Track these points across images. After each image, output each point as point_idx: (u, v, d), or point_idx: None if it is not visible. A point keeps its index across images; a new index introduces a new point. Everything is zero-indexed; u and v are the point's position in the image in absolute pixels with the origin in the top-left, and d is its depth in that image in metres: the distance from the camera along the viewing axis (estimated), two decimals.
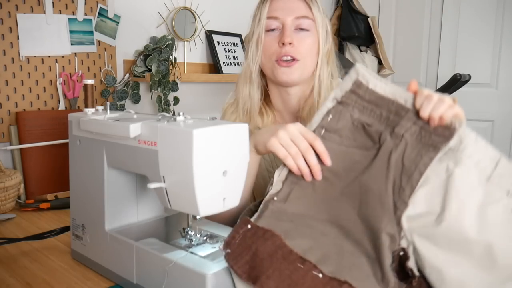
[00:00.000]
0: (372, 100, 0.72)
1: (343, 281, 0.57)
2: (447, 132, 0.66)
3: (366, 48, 2.57)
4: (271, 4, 0.93)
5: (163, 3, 1.73)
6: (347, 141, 0.72)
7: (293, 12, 0.92)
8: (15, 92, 1.33)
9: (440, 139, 0.66)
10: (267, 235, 0.62)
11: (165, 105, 1.68)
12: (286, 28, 0.91)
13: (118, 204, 0.75)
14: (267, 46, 0.93)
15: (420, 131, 0.67)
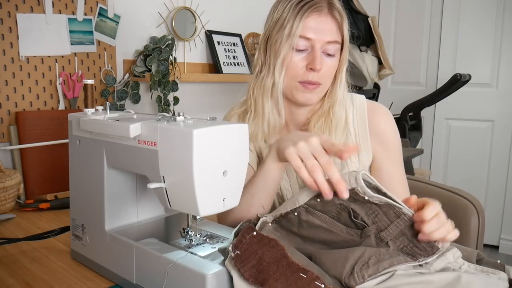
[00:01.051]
0: (365, 201, 0.69)
1: None
2: (430, 250, 0.66)
3: (366, 48, 2.57)
4: (305, 21, 0.86)
5: (163, 3, 1.73)
6: (330, 220, 0.70)
7: (325, 35, 0.87)
8: (15, 92, 1.33)
9: (421, 252, 0.66)
10: (272, 243, 0.62)
11: (165, 105, 1.68)
12: (317, 54, 0.87)
13: (118, 204, 0.75)
14: (293, 66, 0.88)
15: (404, 239, 0.67)
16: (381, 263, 0.63)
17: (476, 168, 2.72)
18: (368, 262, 0.63)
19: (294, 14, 0.86)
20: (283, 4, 0.89)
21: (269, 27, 0.91)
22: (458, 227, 0.68)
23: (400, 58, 2.91)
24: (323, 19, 0.87)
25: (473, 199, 1.08)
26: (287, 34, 0.86)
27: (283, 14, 0.88)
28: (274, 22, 0.90)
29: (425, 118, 2.77)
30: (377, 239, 0.68)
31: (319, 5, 0.87)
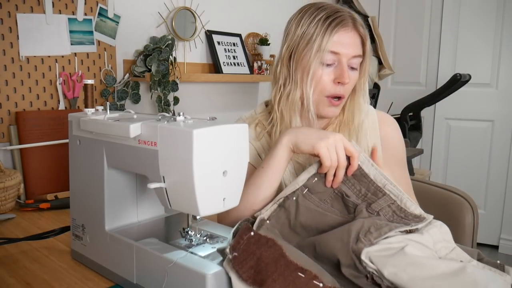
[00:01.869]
0: (356, 175, 0.79)
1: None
2: (417, 219, 0.73)
3: None
4: (334, 37, 0.88)
5: (163, 3, 1.73)
6: (325, 205, 0.77)
7: (352, 49, 0.90)
8: (15, 92, 1.33)
9: (411, 221, 0.72)
10: (270, 243, 0.63)
11: (165, 105, 1.68)
12: (345, 68, 0.89)
13: (118, 204, 0.75)
14: (322, 81, 0.90)
15: (392, 214, 0.74)
16: (382, 229, 0.68)
17: (476, 168, 2.72)
18: (370, 230, 0.68)
19: (323, 30, 0.88)
20: (307, 19, 0.91)
21: (294, 42, 0.92)
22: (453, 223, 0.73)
23: (400, 58, 2.91)
24: (350, 34, 0.90)
25: (467, 196, 1.13)
26: (317, 49, 0.88)
27: (310, 29, 0.90)
28: (299, 36, 0.91)
29: (425, 118, 2.77)
30: (369, 212, 0.74)
31: (345, 21, 0.90)
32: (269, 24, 2.17)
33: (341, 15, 0.90)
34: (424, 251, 0.67)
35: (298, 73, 0.92)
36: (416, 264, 0.61)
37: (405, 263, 0.61)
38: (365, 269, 0.64)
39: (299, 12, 0.94)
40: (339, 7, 0.95)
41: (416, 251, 0.64)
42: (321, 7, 0.92)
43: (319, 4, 0.93)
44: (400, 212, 0.75)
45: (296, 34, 0.92)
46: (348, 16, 0.91)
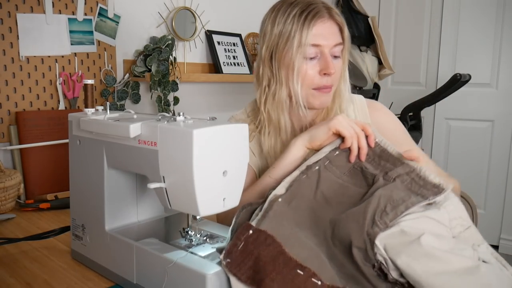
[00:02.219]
0: (374, 151, 0.81)
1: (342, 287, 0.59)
2: (436, 190, 0.72)
3: (366, 48, 2.57)
4: (313, 30, 0.89)
5: (163, 3, 1.73)
6: (345, 178, 0.79)
7: (332, 39, 0.90)
8: (15, 92, 1.33)
9: (429, 192, 0.71)
10: (268, 241, 0.62)
11: (165, 105, 1.68)
12: (328, 59, 0.90)
13: (118, 204, 0.75)
14: (307, 75, 0.90)
15: (411, 181, 0.74)
16: (398, 207, 0.67)
17: (476, 168, 2.72)
18: (386, 210, 0.67)
19: (301, 25, 0.88)
20: (282, 17, 0.91)
21: (272, 41, 0.92)
22: None
23: (400, 58, 2.91)
24: (328, 24, 0.90)
25: (466, 196, 1.14)
26: (298, 45, 0.88)
27: (286, 26, 0.90)
28: (277, 35, 0.91)
29: (425, 118, 2.77)
30: (385, 180, 0.74)
31: (321, 12, 0.90)
32: None
33: (315, 7, 0.90)
34: (439, 228, 0.67)
35: (282, 71, 0.92)
36: (431, 256, 0.61)
37: (420, 254, 0.61)
38: (375, 257, 0.64)
39: (272, 11, 0.94)
40: None
41: (432, 240, 0.63)
42: (293, 2, 0.91)
43: (289, 0, 0.93)
44: (419, 179, 0.74)
45: (274, 34, 0.92)
46: (322, 7, 0.91)
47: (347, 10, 2.49)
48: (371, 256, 0.64)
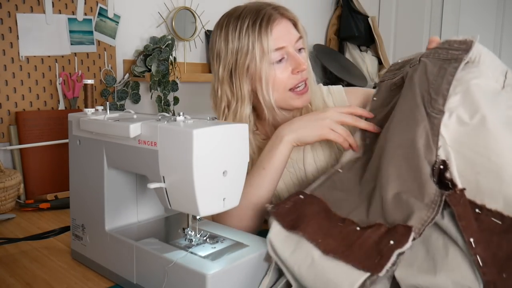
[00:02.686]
0: (400, 66, 0.84)
1: (377, 223, 0.61)
2: (464, 46, 0.72)
3: (366, 48, 2.57)
4: (272, 34, 0.87)
5: (163, 3, 1.73)
6: (388, 106, 0.81)
7: (292, 36, 0.89)
8: (15, 92, 1.33)
9: (459, 52, 0.71)
10: (315, 201, 0.67)
11: (165, 105, 1.68)
12: (296, 56, 0.89)
13: (118, 204, 0.75)
14: (278, 79, 0.89)
15: (435, 50, 0.74)
16: (441, 86, 0.69)
17: None
18: (431, 96, 0.69)
19: (258, 34, 0.86)
20: (233, 32, 0.88)
21: (229, 60, 0.89)
22: None
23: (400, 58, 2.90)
24: (283, 24, 0.89)
25: None
26: (260, 55, 0.86)
27: (242, 41, 0.87)
28: (234, 52, 0.88)
29: None
30: (412, 67, 0.76)
31: (272, 15, 0.88)
32: None
33: (265, 12, 0.88)
34: (488, 86, 0.67)
35: (244, 87, 0.90)
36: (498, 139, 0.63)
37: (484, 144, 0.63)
38: (436, 152, 0.65)
39: (220, 29, 0.91)
40: (255, 5, 0.91)
41: (490, 113, 0.64)
42: (239, 15, 0.89)
43: (235, 14, 0.90)
44: (442, 44, 0.75)
45: (229, 52, 0.89)
46: (271, 10, 0.89)
47: (347, 10, 2.49)
48: (434, 154, 0.65)
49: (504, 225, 0.58)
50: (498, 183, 0.60)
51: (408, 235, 0.56)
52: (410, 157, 0.65)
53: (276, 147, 0.84)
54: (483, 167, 0.62)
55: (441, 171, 0.63)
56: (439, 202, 0.59)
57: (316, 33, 2.50)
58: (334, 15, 2.54)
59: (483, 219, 0.59)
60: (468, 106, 0.67)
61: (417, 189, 0.62)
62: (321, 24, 2.53)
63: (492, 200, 0.60)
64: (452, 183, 0.62)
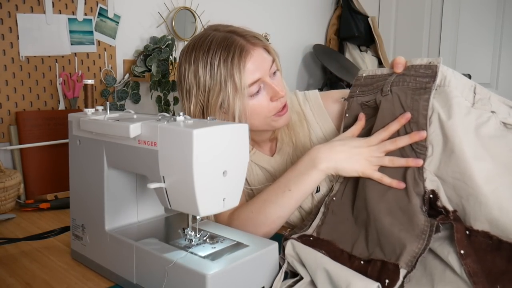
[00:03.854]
0: (367, 82, 0.85)
1: (376, 259, 0.65)
2: (430, 71, 0.74)
3: (366, 48, 2.57)
4: (246, 69, 0.82)
5: (163, 3, 1.73)
6: (365, 124, 0.83)
7: (265, 65, 0.86)
8: (15, 92, 1.33)
9: (426, 80, 0.74)
10: (324, 243, 0.71)
11: (165, 105, 1.68)
12: (272, 85, 0.86)
13: (118, 204, 0.75)
14: (260, 109, 0.86)
15: (403, 78, 0.76)
16: (419, 122, 0.73)
17: None
18: (412, 130, 0.74)
19: (229, 71, 0.82)
20: (204, 68, 0.84)
21: (201, 96, 0.86)
22: None
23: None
24: (255, 54, 0.84)
25: None
26: (234, 93, 0.82)
27: (214, 77, 0.83)
28: (206, 90, 0.84)
29: None
30: (384, 96, 0.78)
31: (243, 47, 0.83)
32: (269, 24, 2.17)
33: (235, 45, 0.83)
34: (460, 109, 0.70)
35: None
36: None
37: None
38: (423, 185, 0.68)
39: (188, 63, 0.86)
40: (222, 35, 0.86)
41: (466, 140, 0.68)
42: (208, 49, 0.84)
43: (203, 47, 0.85)
44: (409, 70, 0.77)
45: (201, 88, 0.85)
46: (241, 40, 0.84)
47: (347, 10, 2.49)
48: (421, 186, 0.68)
49: (493, 244, 0.62)
50: (478, 205, 0.65)
51: (397, 273, 0.61)
52: (400, 194, 0.70)
53: (308, 173, 0.80)
54: (464, 191, 0.67)
55: (432, 199, 0.68)
56: (428, 232, 0.64)
57: (316, 33, 2.50)
58: (334, 15, 2.54)
59: (474, 240, 0.63)
60: (441, 134, 0.70)
61: (407, 221, 0.66)
62: (321, 24, 2.53)
63: (478, 222, 0.65)
64: (445, 209, 0.66)
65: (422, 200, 0.68)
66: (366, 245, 0.70)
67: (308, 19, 2.43)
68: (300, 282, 0.65)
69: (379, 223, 0.69)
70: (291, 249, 0.70)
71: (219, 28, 0.88)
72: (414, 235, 0.64)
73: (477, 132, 0.69)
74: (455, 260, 0.61)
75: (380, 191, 0.73)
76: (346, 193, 0.81)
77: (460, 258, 0.61)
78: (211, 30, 0.88)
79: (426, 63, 0.75)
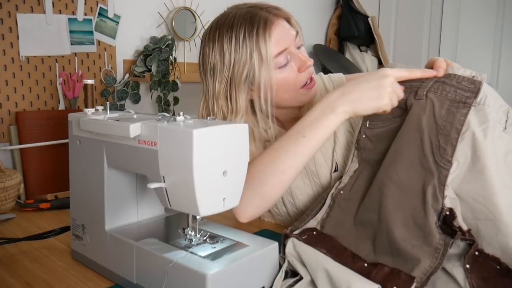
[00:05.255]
0: None
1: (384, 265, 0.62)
2: (472, 86, 0.70)
3: (366, 48, 2.57)
4: (272, 39, 0.83)
5: (163, 3, 1.73)
6: (387, 121, 0.79)
7: (290, 36, 0.87)
8: (15, 92, 1.33)
9: (467, 94, 0.70)
10: (327, 239, 0.70)
11: (165, 105, 1.68)
12: (299, 55, 0.86)
13: (118, 204, 0.75)
14: (289, 81, 0.86)
15: (443, 86, 0.72)
16: (450, 136, 0.69)
17: None
18: (440, 144, 0.70)
19: (256, 42, 0.83)
20: (229, 44, 0.84)
21: (226, 72, 0.86)
22: None
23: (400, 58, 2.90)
24: (280, 25, 0.85)
25: None
26: (260, 63, 0.83)
27: (240, 51, 0.83)
28: (231, 64, 0.85)
29: None
30: (417, 99, 0.73)
31: (267, 19, 0.84)
32: None
33: (258, 17, 0.84)
34: (495, 132, 0.68)
35: (240, 100, 0.87)
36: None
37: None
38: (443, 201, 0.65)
39: (212, 41, 0.87)
40: (245, 10, 0.87)
41: (495, 164, 0.66)
42: (231, 25, 0.85)
43: (226, 23, 0.86)
44: (450, 79, 0.73)
45: (226, 63, 0.85)
46: (264, 13, 0.86)
47: (347, 10, 2.49)
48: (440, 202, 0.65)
49: (501, 270, 0.61)
50: (495, 232, 0.64)
51: (409, 284, 0.58)
52: (417, 207, 0.67)
53: (326, 117, 0.77)
54: (482, 214, 0.65)
55: (447, 217, 0.65)
56: (442, 251, 0.62)
57: (316, 33, 2.50)
58: (334, 15, 2.55)
59: (482, 262, 0.62)
60: (471, 152, 0.68)
61: (422, 237, 0.64)
62: (321, 24, 2.53)
63: (490, 246, 0.64)
64: (461, 230, 0.64)
65: (438, 216, 0.66)
66: (373, 250, 0.68)
67: (308, 19, 2.43)
68: (300, 282, 0.65)
69: (391, 234, 0.67)
70: (291, 248, 0.69)
71: (239, 6, 0.90)
72: (427, 252, 0.62)
73: (505, 158, 0.67)
74: (460, 273, 0.60)
75: (397, 199, 0.70)
76: (354, 189, 0.78)
77: (465, 271, 0.59)
78: (232, 9, 0.90)
79: (469, 76, 0.72)
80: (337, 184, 0.81)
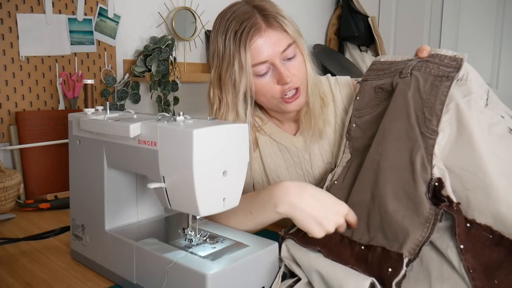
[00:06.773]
0: (384, 67, 0.85)
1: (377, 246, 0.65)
2: (454, 63, 0.74)
3: (366, 48, 2.57)
4: (252, 49, 0.82)
5: (163, 3, 1.73)
6: (375, 108, 0.82)
7: (277, 46, 0.83)
8: (15, 92, 1.33)
9: (450, 69, 0.74)
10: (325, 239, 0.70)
11: (165, 105, 1.68)
12: (281, 69, 0.84)
13: (118, 204, 0.75)
14: (265, 90, 0.86)
15: (426, 64, 0.76)
16: (435, 107, 0.71)
17: None
18: (425, 115, 0.72)
19: (237, 47, 0.82)
20: (221, 36, 0.85)
21: (217, 63, 0.87)
22: None
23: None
24: (266, 34, 0.83)
25: None
26: (239, 69, 0.83)
27: (226, 49, 0.84)
28: (220, 58, 0.86)
29: None
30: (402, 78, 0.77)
31: (255, 24, 0.82)
32: None
33: (249, 20, 0.82)
34: (476, 104, 0.70)
35: (228, 95, 0.88)
36: None
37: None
38: (431, 171, 0.67)
39: (214, 28, 0.87)
40: (245, 9, 0.85)
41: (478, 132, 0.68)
42: (228, 18, 0.85)
43: (226, 15, 0.86)
44: (433, 58, 0.76)
45: (217, 54, 0.86)
46: (258, 18, 0.83)
47: (347, 10, 2.49)
48: (428, 172, 0.67)
49: (494, 239, 0.61)
50: (486, 199, 0.64)
51: (401, 262, 0.60)
52: (406, 178, 0.69)
53: (267, 208, 0.75)
54: (472, 183, 0.66)
55: (436, 188, 0.67)
56: (433, 220, 0.63)
57: (316, 33, 2.50)
58: (334, 15, 2.55)
59: (474, 233, 0.63)
60: (457, 123, 0.70)
61: (412, 208, 0.66)
62: (321, 24, 2.53)
63: (482, 215, 0.64)
64: (449, 199, 0.65)
65: (428, 187, 0.67)
66: (367, 230, 0.69)
67: (308, 19, 2.43)
68: (300, 283, 0.65)
69: (383, 208, 0.68)
70: (286, 251, 0.70)
71: (249, 1, 0.88)
72: (418, 223, 0.63)
73: (489, 130, 0.69)
74: (455, 255, 0.61)
75: (388, 174, 0.71)
76: (347, 177, 0.80)
77: (459, 253, 0.60)
78: (243, 1, 0.88)
79: (451, 55, 0.75)
80: (331, 177, 0.83)
